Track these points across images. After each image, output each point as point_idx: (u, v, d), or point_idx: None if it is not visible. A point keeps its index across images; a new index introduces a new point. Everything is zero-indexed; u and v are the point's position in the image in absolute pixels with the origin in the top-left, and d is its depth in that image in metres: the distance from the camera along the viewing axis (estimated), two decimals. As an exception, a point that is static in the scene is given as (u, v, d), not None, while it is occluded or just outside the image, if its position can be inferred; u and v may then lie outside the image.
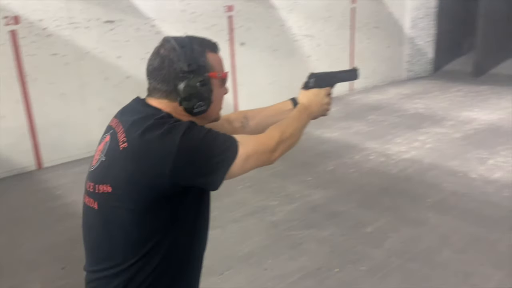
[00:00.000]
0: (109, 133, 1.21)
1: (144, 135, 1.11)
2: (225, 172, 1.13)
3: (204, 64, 1.20)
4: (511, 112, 6.33)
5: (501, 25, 9.06)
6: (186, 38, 1.24)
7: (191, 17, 5.80)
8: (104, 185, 1.15)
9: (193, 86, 1.17)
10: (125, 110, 1.26)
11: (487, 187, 3.89)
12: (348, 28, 7.89)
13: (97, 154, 1.22)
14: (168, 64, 1.18)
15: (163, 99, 1.20)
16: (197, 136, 1.12)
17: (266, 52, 6.76)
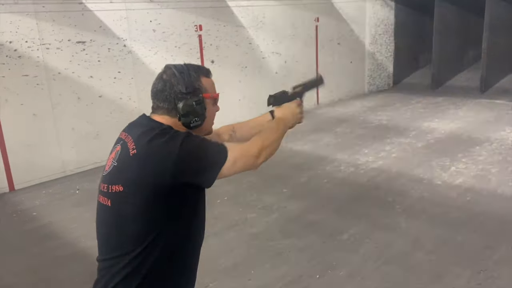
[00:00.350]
0: (119, 144, 1.45)
1: (151, 142, 1.35)
2: (217, 172, 1.35)
3: (199, 87, 1.45)
4: (468, 122, 6.74)
5: (454, 40, 9.63)
6: (184, 65, 1.48)
7: (162, 37, 5.90)
8: (116, 185, 1.36)
9: (190, 105, 1.42)
10: (133, 125, 1.51)
11: (450, 192, 4.16)
12: (313, 45, 8.19)
13: (109, 161, 1.45)
14: (169, 87, 1.43)
15: (165, 115, 1.45)
16: (194, 142, 1.35)
17: (236, 69, 6.93)
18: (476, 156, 5.12)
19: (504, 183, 4.26)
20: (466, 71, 10.12)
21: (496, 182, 4.32)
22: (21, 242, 3.69)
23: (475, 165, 4.82)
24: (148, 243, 1.34)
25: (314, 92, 8.45)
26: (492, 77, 9.01)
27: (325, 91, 8.67)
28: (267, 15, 7.24)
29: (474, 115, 7.20)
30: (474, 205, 3.85)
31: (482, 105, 7.91)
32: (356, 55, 9.26)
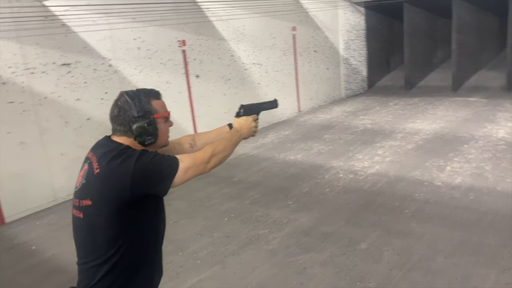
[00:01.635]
0: (87, 163, 1.64)
1: (109, 162, 1.55)
2: (171, 181, 1.57)
3: (149, 109, 1.64)
4: (448, 121, 6.96)
5: (423, 42, 9.95)
6: (135, 91, 1.67)
7: (147, 54, 5.78)
8: (86, 200, 1.57)
9: (142, 127, 1.62)
10: (97, 145, 1.69)
11: (453, 193, 4.26)
12: (291, 54, 8.26)
13: (79, 178, 1.65)
14: (123, 112, 1.62)
15: (123, 136, 1.64)
16: (146, 159, 1.56)
17: (220, 82, 6.89)
18: (466, 155, 5.28)
19: (501, 180, 4.41)
20: (436, 71, 10.47)
21: (494, 179, 4.46)
22: (28, 279, 3.50)
23: (468, 164, 4.97)
24: (119, 246, 1.56)
25: (295, 100, 8.52)
26: (462, 75, 9.37)
27: (305, 99, 8.76)
28: (247, 27, 7.25)
29: (452, 113, 7.43)
30: (479, 204, 3.95)
31: (457, 104, 8.19)
32: (332, 61, 9.41)
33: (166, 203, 4.56)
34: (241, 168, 5.62)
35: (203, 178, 5.39)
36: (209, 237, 3.85)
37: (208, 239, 3.82)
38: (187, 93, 6.38)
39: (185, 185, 4.93)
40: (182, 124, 6.33)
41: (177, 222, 4.21)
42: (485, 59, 9.89)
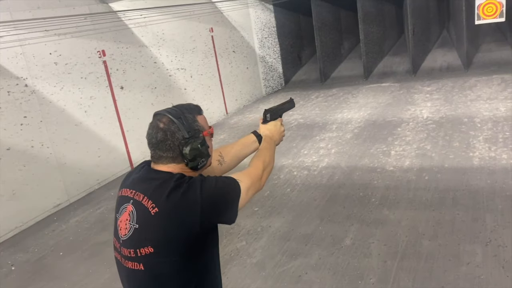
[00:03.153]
0: (129, 203, 1.40)
1: (169, 196, 1.33)
2: (237, 206, 1.41)
3: (198, 127, 1.45)
4: (373, 107, 7.30)
5: (332, 34, 10.36)
6: (177, 109, 1.45)
7: (66, 69, 5.19)
8: (145, 248, 1.33)
9: (196, 149, 1.41)
10: (138, 179, 1.45)
11: (408, 175, 4.43)
12: (212, 56, 8.06)
13: (123, 224, 1.40)
14: (171, 135, 1.40)
15: (171, 164, 1.42)
16: (211, 185, 1.37)
17: (146, 92, 6.46)
18: (404, 137, 5.55)
19: (445, 158, 4.69)
20: (346, 61, 10.97)
21: (438, 157, 4.73)
22: None
23: (409, 146, 5.22)
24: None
25: (222, 102, 8.35)
26: (371, 63, 9.92)
27: (231, 100, 8.62)
28: (166, 31, 6.88)
29: (374, 100, 7.82)
30: (436, 183, 4.15)
31: (373, 90, 8.64)
32: (250, 61, 9.38)
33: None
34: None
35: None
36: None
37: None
38: (113, 107, 5.87)
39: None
40: (111, 142, 5.81)
41: (141, 250, 3.82)
42: (388, 46, 10.59)
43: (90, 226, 4.49)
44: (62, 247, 4.14)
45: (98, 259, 3.81)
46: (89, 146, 5.49)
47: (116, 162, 5.89)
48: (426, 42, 9.72)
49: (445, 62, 9.43)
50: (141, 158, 6.28)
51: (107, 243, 4.03)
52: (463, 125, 5.59)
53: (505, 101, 6.31)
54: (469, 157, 4.60)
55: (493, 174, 4.11)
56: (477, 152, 4.67)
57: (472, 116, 5.88)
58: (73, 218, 4.78)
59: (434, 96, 7.33)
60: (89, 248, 4.02)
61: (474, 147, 4.82)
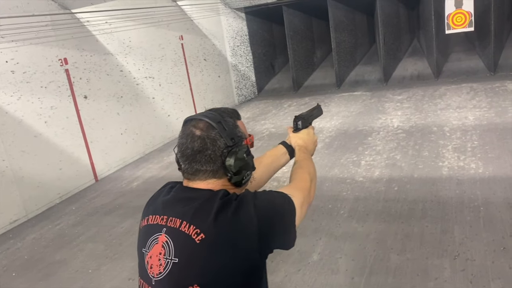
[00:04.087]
0: (161, 233, 1.14)
1: (217, 219, 1.08)
2: (295, 226, 1.20)
3: (240, 134, 1.23)
4: (345, 116, 7.26)
5: (304, 43, 10.34)
6: (214, 113, 1.22)
7: (24, 78, 4.95)
8: (190, 287, 1.06)
9: (241, 159, 1.18)
10: (171, 202, 1.19)
11: (377, 186, 4.35)
12: (182, 64, 7.90)
13: (155, 259, 1.13)
14: (211, 144, 1.16)
15: (210, 179, 1.18)
16: (264, 205, 1.14)
17: (112, 101, 6.25)
18: (374, 147, 5.50)
19: (414, 168, 4.64)
20: (318, 70, 10.96)
21: (408, 167, 4.68)
22: None
23: (379, 156, 5.17)
24: None
25: (193, 111, 8.18)
26: (343, 72, 9.93)
27: (202, 109, 8.30)
28: (133, 39, 6.70)
29: (345, 109, 7.79)
30: (405, 194, 4.08)
31: (345, 99, 8.62)
32: (222, 69, 9.26)
33: (76, 248, 3.94)
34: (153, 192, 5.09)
35: (113, 211, 4.80)
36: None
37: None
38: (76, 117, 5.64)
39: (95, 223, 4.32)
40: (74, 153, 5.57)
41: (99, 269, 3.61)
42: (360, 55, 10.64)
43: (48, 244, 4.25)
44: (16, 267, 3.88)
45: (53, 279, 3.58)
46: (49, 158, 5.24)
47: (79, 174, 5.65)
48: (397, 51, 9.80)
49: (416, 70, 9.52)
50: (106, 170, 6.07)
51: (64, 262, 3.81)
52: (432, 134, 5.58)
53: (473, 110, 6.36)
54: (438, 166, 4.56)
55: (462, 184, 4.08)
56: (446, 162, 4.65)
57: (441, 125, 5.88)
58: (30, 235, 4.53)
59: (405, 104, 7.35)
60: (44, 267, 3.79)
61: (443, 157, 4.80)
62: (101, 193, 5.45)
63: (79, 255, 3.91)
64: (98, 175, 5.95)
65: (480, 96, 7.02)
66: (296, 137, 1.60)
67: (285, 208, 1.19)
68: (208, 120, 1.18)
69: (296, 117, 1.66)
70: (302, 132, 1.62)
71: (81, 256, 3.88)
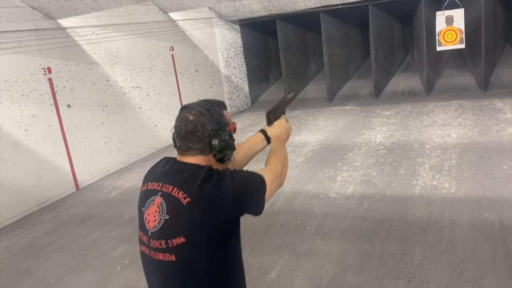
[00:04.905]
0: (157, 195, 1.43)
1: (201, 187, 1.37)
2: (264, 198, 1.48)
3: (225, 120, 1.51)
4: (330, 130, 7.26)
5: (297, 56, 10.39)
6: (205, 102, 1.51)
7: (4, 86, 5.01)
8: (177, 238, 1.36)
9: (224, 140, 1.47)
10: (166, 172, 1.48)
11: (348, 203, 4.34)
12: (172, 75, 7.95)
13: (151, 216, 1.42)
14: (201, 127, 1.45)
15: (199, 155, 1.47)
16: (240, 177, 1.45)
17: (96, 110, 6.29)
18: (353, 162, 5.49)
19: (388, 185, 4.62)
20: (311, 83, 11.00)
21: (382, 185, 4.66)
22: None
23: (356, 172, 5.15)
24: (216, 279, 1.42)
25: (181, 122, 8.20)
26: (335, 86, 9.95)
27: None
28: (121, 49, 6.76)
29: (332, 123, 7.79)
30: (373, 212, 4.06)
31: (335, 113, 8.63)
32: (214, 80, 9.30)
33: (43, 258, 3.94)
34: (130, 204, 5.11)
35: (86, 221, 4.82)
36: (101, 292, 3.35)
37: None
38: (58, 125, 5.68)
39: (67, 233, 4.32)
40: (54, 161, 5.61)
41: (61, 280, 3.61)
42: (353, 69, 10.67)
43: (17, 252, 4.26)
44: (-19, 275, 3.90)
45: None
46: (28, 166, 5.27)
47: (59, 183, 5.67)
48: (389, 66, 9.81)
49: (408, 86, 9.52)
50: (88, 179, 6.09)
51: (29, 272, 3.82)
52: (412, 152, 5.57)
53: (458, 127, 6.34)
54: (412, 185, 4.54)
55: (432, 204, 4.06)
56: (421, 180, 4.63)
57: (423, 142, 5.87)
58: (3, 242, 4.54)
59: (391, 120, 7.34)
60: (8, 277, 3.79)
61: (418, 175, 4.78)
62: (80, 202, 5.47)
63: (45, 265, 3.91)
64: (80, 183, 5.98)
65: (467, 114, 7.00)
66: (271, 129, 1.85)
67: (256, 183, 1.47)
68: (199, 108, 1.46)
69: (268, 112, 1.88)
70: (275, 124, 1.86)
71: (46, 266, 3.89)
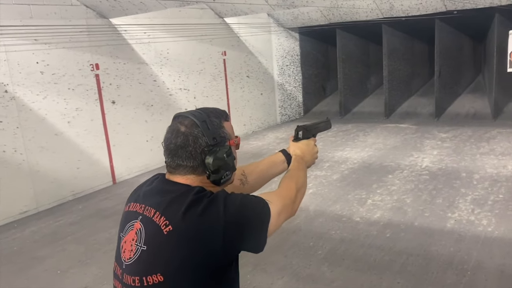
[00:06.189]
0: (137, 220, 1.19)
1: (186, 214, 1.11)
2: (266, 232, 1.18)
3: (224, 134, 1.25)
4: (377, 149, 6.88)
5: (357, 68, 10.02)
6: (202, 112, 1.26)
7: (52, 79, 5.28)
8: (153, 276, 1.11)
9: (221, 159, 1.21)
10: (150, 192, 1.24)
11: (370, 229, 4.03)
12: (222, 79, 7.98)
13: (128, 245, 1.17)
14: (193, 141, 1.20)
15: (190, 175, 1.21)
16: (235, 206, 1.15)
17: (141, 109, 6.45)
18: (390, 186, 5.12)
19: (420, 215, 4.24)
20: (370, 96, 10.56)
21: (412, 213, 4.29)
22: None
23: (390, 196, 4.80)
24: None
25: (227, 126, 8.20)
26: (394, 102, 9.46)
27: (239, 125, 8.48)
28: (171, 51, 6.90)
29: (382, 141, 7.38)
30: (394, 243, 3.73)
31: (388, 130, 8.18)
32: (266, 87, 9.23)
33: (60, 248, 4.04)
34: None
35: (111, 216, 4.93)
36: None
37: (95, 292, 3.34)
38: (101, 120, 5.90)
39: (89, 225, 4.41)
40: (94, 155, 5.82)
41: (67, 272, 3.70)
42: (416, 86, 10.09)
43: (39, 239, 4.44)
44: (1, 257, 4.10)
45: (22, 274, 3.70)
46: (68, 156, 5.51)
47: (96, 176, 5.88)
48: (455, 85, 9.15)
49: (473, 108, 8.81)
50: (126, 175, 6.26)
51: (42, 259, 3.96)
52: (458, 180, 5.09)
53: (518, 158, 5.72)
54: (445, 217, 4.13)
55: (461, 241, 3.65)
56: (457, 213, 4.19)
57: (473, 171, 5.35)
58: (32, 227, 4.77)
59: (446, 144, 6.80)
60: (22, 261, 3.95)
61: (456, 207, 4.34)
62: (112, 196, 5.62)
63: (59, 254, 4.04)
64: (117, 178, 6.16)
65: (533, 145, 6.31)
66: (295, 146, 1.60)
67: (257, 213, 1.18)
68: (193, 118, 1.22)
69: (298, 126, 1.66)
70: (301, 142, 1.62)
71: (59, 255, 4.01)
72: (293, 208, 1.32)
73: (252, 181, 1.55)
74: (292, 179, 1.39)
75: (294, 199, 1.32)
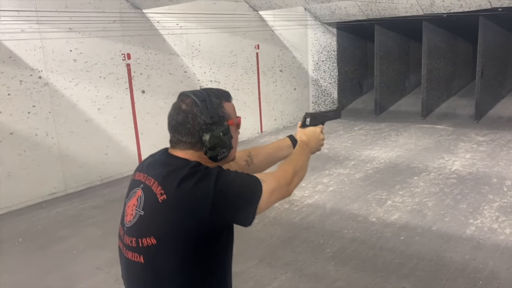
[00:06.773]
0: (139, 188, 1.30)
1: (181, 184, 1.21)
2: (256, 207, 1.26)
3: (223, 114, 1.33)
4: (407, 149, 6.67)
5: (395, 65, 9.73)
6: (203, 91, 1.35)
7: (84, 66, 5.47)
8: (147, 238, 1.22)
9: (217, 136, 1.30)
10: (153, 163, 1.36)
11: (385, 231, 3.93)
12: (254, 73, 7.99)
13: (130, 209, 1.30)
14: (192, 118, 1.29)
15: (189, 150, 1.32)
16: (227, 179, 1.24)
17: (170, 99, 6.53)
18: (413, 188, 4.96)
19: (439, 219, 4.09)
20: (408, 96, 10.23)
21: (432, 217, 4.14)
22: None
23: (411, 198, 4.65)
24: None
25: (258, 120, 8.23)
26: (432, 102, 9.12)
27: (269, 119, 8.47)
28: (203, 43, 6.97)
29: (414, 142, 7.15)
30: (407, 246, 3.61)
31: (423, 131, 7.91)
32: (299, 82, 9.15)
33: (81, 230, 4.20)
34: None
35: (128, 202, 5.04)
36: (106, 273, 3.48)
37: (105, 275, 3.45)
38: (130, 109, 6.06)
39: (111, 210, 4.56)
40: (122, 142, 6.00)
41: (82, 254, 3.84)
42: (457, 86, 9.67)
43: (63, 220, 4.64)
44: (27, 234, 4.31)
45: (41, 253, 3.87)
46: (97, 142, 5.71)
47: (124, 162, 6.05)
48: (498, 87, 8.70)
49: (517, 112, 8.34)
50: (152, 162, 6.39)
51: (61, 239, 4.13)
52: (486, 186, 4.85)
53: (558, 166, 5.38)
54: (466, 223, 3.95)
55: (479, 249, 3.48)
56: (479, 220, 4.00)
57: (505, 178, 5.08)
58: (58, 208, 4.99)
59: (481, 147, 6.50)
60: (45, 241, 4.14)
61: (480, 213, 4.14)
62: (137, 183, 5.77)
63: (78, 236, 4.20)
64: (144, 165, 6.31)
65: None
66: (301, 132, 1.66)
67: (247, 188, 1.26)
68: (194, 97, 1.31)
69: (307, 113, 1.73)
70: (308, 128, 1.67)
71: (78, 237, 4.18)
72: (288, 189, 1.37)
73: (258, 162, 1.63)
74: (291, 162, 1.45)
75: (290, 181, 1.37)
